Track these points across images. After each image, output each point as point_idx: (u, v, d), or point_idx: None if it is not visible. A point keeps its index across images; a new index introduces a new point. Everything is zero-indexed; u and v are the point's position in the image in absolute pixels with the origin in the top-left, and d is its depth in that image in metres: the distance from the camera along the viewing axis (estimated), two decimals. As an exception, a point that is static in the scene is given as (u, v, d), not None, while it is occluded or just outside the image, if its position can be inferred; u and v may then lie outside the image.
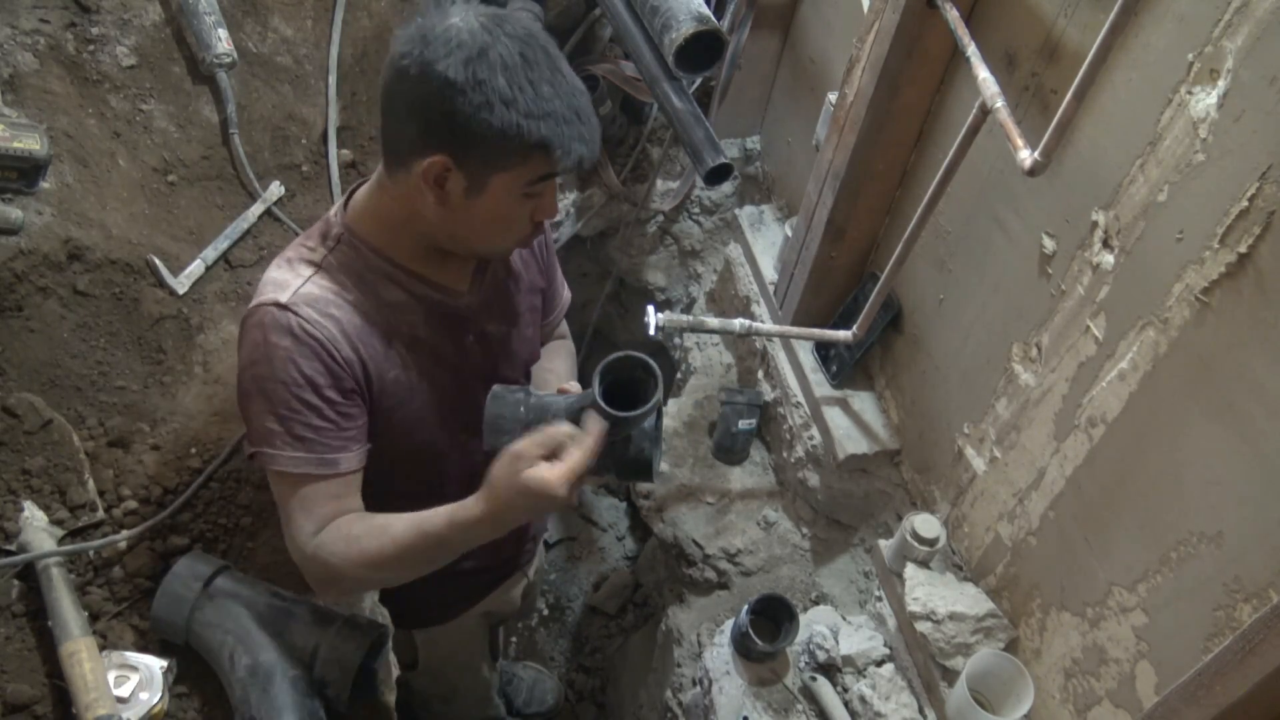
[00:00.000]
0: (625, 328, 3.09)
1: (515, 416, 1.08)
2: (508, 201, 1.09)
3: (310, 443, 1.12)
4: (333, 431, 1.13)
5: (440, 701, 2.00)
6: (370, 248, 1.16)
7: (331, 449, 1.13)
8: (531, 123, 1.01)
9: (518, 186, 1.08)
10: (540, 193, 1.11)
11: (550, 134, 1.03)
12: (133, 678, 1.16)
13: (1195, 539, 1.13)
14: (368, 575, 1.16)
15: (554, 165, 1.06)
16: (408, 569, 1.16)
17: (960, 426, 1.63)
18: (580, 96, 1.07)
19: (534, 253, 1.40)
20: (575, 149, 1.06)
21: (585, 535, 3.11)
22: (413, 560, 1.13)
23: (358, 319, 1.14)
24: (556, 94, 1.03)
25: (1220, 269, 1.06)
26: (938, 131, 1.66)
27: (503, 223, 1.14)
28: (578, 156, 1.06)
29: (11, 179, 1.45)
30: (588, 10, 2.39)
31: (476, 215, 1.11)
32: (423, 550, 1.11)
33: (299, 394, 1.10)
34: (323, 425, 1.12)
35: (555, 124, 1.03)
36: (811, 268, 1.92)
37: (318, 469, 1.12)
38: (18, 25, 1.55)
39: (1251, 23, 1.01)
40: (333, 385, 1.12)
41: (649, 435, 1.05)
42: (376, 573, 1.16)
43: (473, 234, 1.15)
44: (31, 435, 1.39)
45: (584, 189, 2.51)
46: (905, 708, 1.57)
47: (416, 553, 1.11)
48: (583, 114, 1.06)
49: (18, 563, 1.24)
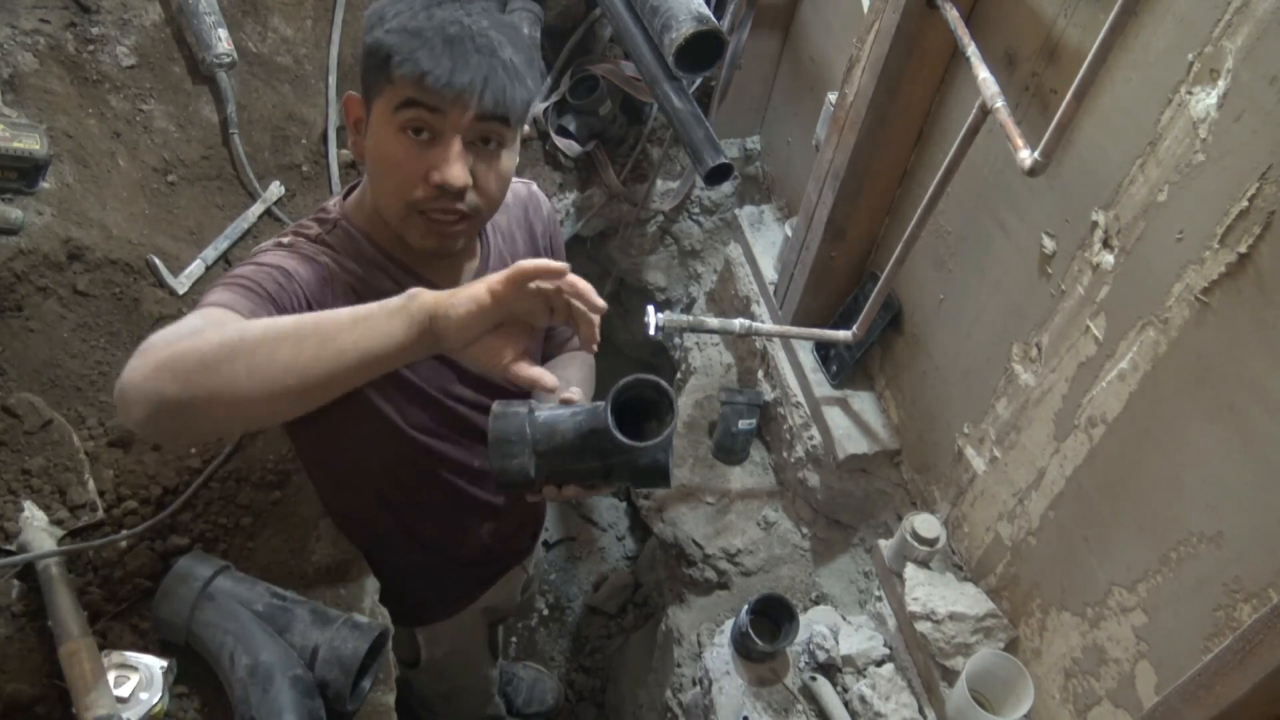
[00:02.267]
0: (625, 328, 3.09)
1: (522, 437, 1.04)
2: (386, 135, 1.03)
3: (258, 296, 1.00)
4: (284, 302, 1.02)
5: (442, 700, 2.00)
6: (365, 236, 1.16)
7: (270, 312, 0.99)
8: (389, 36, 0.98)
9: (388, 113, 1.01)
10: (419, 129, 1.01)
11: (396, 43, 0.97)
12: (133, 678, 1.16)
13: (1195, 539, 1.14)
14: (189, 369, 0.82)
15: (408, 83, 0.98)
16: (251, 362, 0.83)
17: (960, 426, 1.63)
18: (478, 36, 0.99)
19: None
20: (420, 62, 0.96)
21: (585, 535, 3.11)
22: (261, 347, 0.83)
23: (350, 284, 1.13)
24: (433, 16, 0.98)
25: (1220, 269, 1.06)
26: (938, 131, 1.66)
27: (388, 165, 1.05)
28: (418, 71, 0.96)
29: (11, 179, 1.45)
30: (588, 10, 2.39)
31: (370, 157, 1.07)
32: (283, 336, 0.84)
33: (266, 270, 1.03)
34: (279, 292, 1.02)
35: (406, 37, 0.97)
36: (811, 268, 1.92)
37: (249, 314, 0.96)
38: (18, 25, 1.55)
39: (1251, 23, 1.01)
40: (308, 281, 1.05)
41: (662, 446, 1.03)
42: (203, 366, 0.82)
43: (374, 188, 1.11)
44: (31, 435, 1.39)
45: (584, 189, 2.51)
46: (905, 708, 1.57)
47: (272, 338, 0.84)
48: (454, 40, 0.98)
49: (18, 563, 1.24)
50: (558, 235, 1.44)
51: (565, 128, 2.40)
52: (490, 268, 1.29)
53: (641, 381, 0.98)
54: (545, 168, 2.43)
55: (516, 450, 1.04)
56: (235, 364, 0.82)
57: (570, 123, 2.40)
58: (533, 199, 1.40)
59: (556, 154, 2.43)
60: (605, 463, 1.06)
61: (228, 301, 0.97)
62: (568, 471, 1.08)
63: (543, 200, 1.42)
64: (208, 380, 0.81)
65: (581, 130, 2.41)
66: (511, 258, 1.33)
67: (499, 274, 0.89)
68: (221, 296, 0.98)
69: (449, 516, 1.47)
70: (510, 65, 1.02)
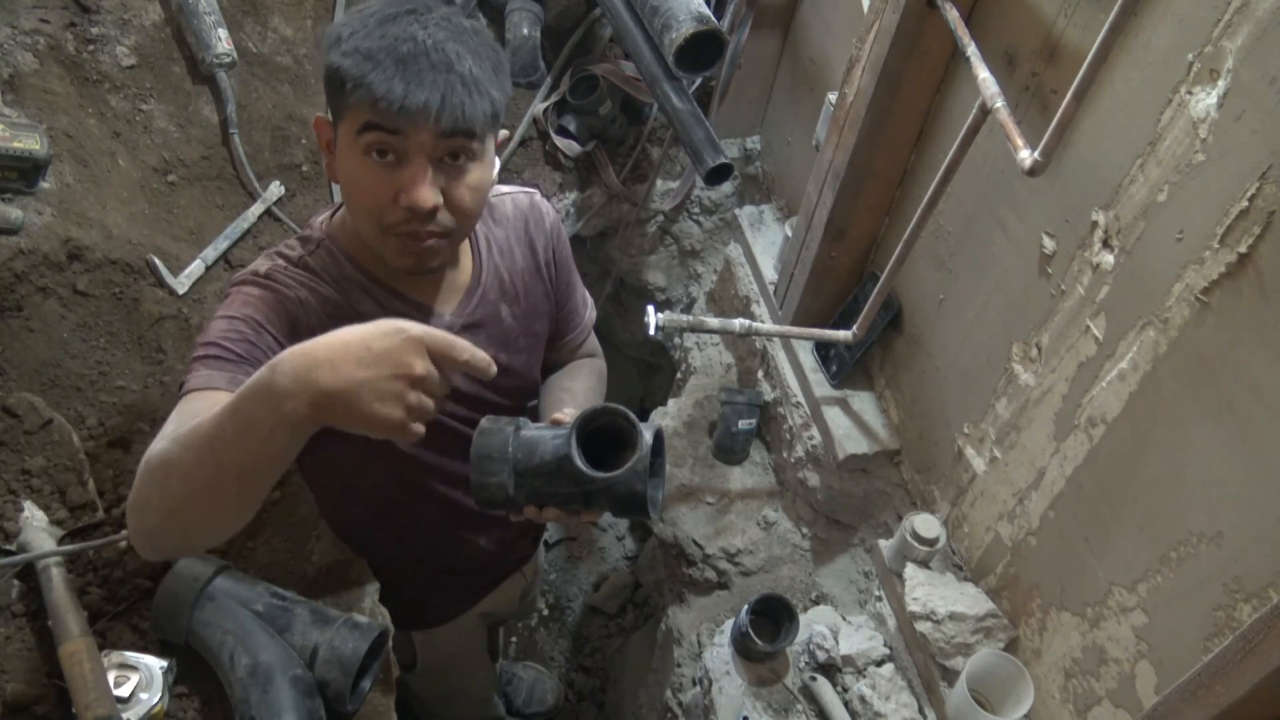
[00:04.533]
0: (625, 328, 3.09)
1: (503, 455, 1.02)
2: (351, 159, 1.01)
3: (231, 364, 1.00)
4: (258, 359, 1.01)
5: (439, 702, 2.00)
6: (347, 256, 1.15)
7: (246, 374, 0.95)
8: (344, 59, 0.96)
9: (350, 138, 1.00)
10: (380, 152, 0.99)
11: (348, 67, 0.95)
12: (133, 678, 1.16)
13: (1195, 539, 1.13)
14: (152, 493, 0.87)
15: (364, 107, 0.96)
16: (184, 481, 0.84)
17: (960, 426, 1.63)
18: (433, 51, 0.96)
19: (541, 275, 1.35)
20: (373, 86, 0.94)
21: (585, 535, 3.11)
22: (187, 463, 0.83)
23: (328, 312, 1.11)
24: (386, 35, 0.96)
25: (1220, 269, 1.06)
26: (938, 131, 1.66)
27: (357, 189, 1.03)
28: (372, 96, 0.94)
29: (11, 179, 1.45)
30: (588, 10, 2.39)
31: (341, 179, 1.05)
32: (197, 444, 0.83)
33: (237, 326, 1.03)
34: (251, 350, 1.02)
35: (359, 59, 0.95)
36: (811, 268, 1.92)
37: (228, 385, 0.97)
38: (18, 25, 1.55)
39: (1251, 23, 1.01)
40: (279, 325, 1.05)
41: (641, 476, 0.98)
42: (156, 486, 0.86)
43: (349, 211, 1.09)
44: (31, 435, 1.39)
45: (584, 189, 2.51)
46: (905, 708, 1.57)
47: (194, 447, 0.83)
48: (406, 60, 0.95)
49: (18, 563, 1.24)
50: (562, 246, 1.39)
51: (565, 128, 2.40)
52: (485, 284, 1.26)
53: (611, 410, 0.97)
54: (545, 168, 2.43)
55: (497, 468, 1.02)
56: (178, 487, 0.85)
57: (570, 123, 2.40)
58: (534, 211, 1.35)
59: (556, 154, 2.43)
60: (582, 489, 1.03)
61: (204, 383, 0.97)
62: (547, 494, 1.05)
63: (546, 212, 1.37)
64: (175, 514, 0.87)
65: (581, 130, 2.41)
66: (509, 273, 1.30)
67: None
68: (198, 377, 0.98)
69: (446, 530, 1.46)
70: (469, 77, 0.98)
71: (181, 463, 0.84)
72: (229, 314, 1.05)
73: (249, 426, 0.80)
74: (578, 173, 2.49)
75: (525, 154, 2.40)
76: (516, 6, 2.25)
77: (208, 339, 1.03)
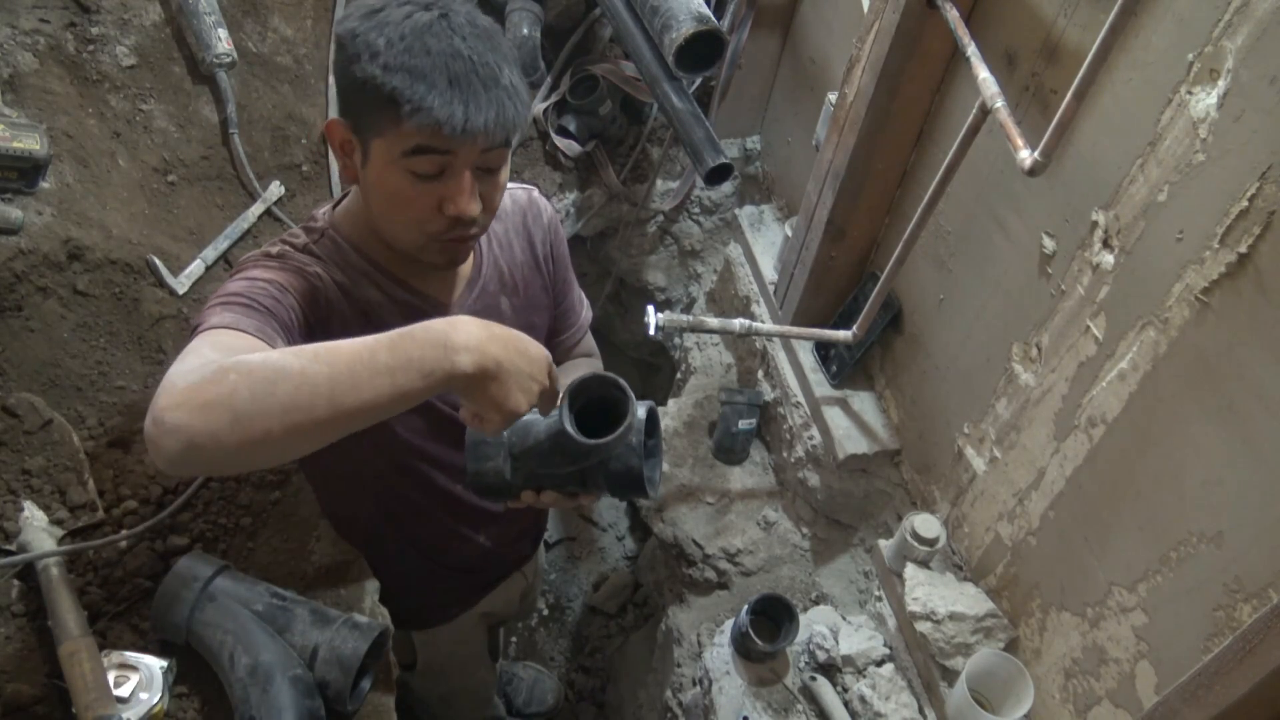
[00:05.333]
0: (625, 328, 3.09)
1: (498, 439, 1.02)
2: (391, 175, 1.01)
3: (258, 313, 0.97)
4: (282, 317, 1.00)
5: (439, 702, 2.00)
6: (352, 245, 1.16)
7: (273, 328, 0.97)
8: (388, 75, 0.94)
9: (393, 155, 0.99)
10: (429, 172, 1.01)
11: (399, 86, 0.93)
12: (133, 678, 1.16)
13: (1195, 539, 1.13)
14: (217, 400, 0.77)
15: (420, 132, 0.96)
16: (272, 395, 0.78)
17: (960, 426, 1.63)
18: (481, 68, 0.96)
19: (539, 269, 1.37)
20: (433, 110, 0.93)
21: (585, 535, 3.11)
22: (283, 380, 0.78)
23: (335, 295, 1.12)
24: (433, 53, 0.94)
25: (1220, 269, 1.06)
26: (938, 131, 1.66)
27: (398, 203, 1.04)
28: (435, 119, 0.94)
29: (11, 179, 1.45)
30: (588, 10, 2.39)
31: (373, 191, 1.05)
32: (304, 368, 0.79)
33: (260, 285, 1.01)
34: (276, 306, 1.00)
35: (408, 79, 0.93)
36: (811, 268, 1.92)
37: (255, 332, 0.94)
38: (18, 25, 1.55)
39: (1251, 23, 1.01)
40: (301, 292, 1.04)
41: (635, 451, 0.99)
42: (230, 399, 0.77)
43: (381, 217, 1.09)
44: (31, 435, 1.39)
45: (584, 189, 2.51)
46: (905, 708, 1.57)
47: (294, 371, 0.79)
48: (460, 79, 0.94)
49: (18, 563, 1.24)
50: (559, 243, 1.41)
51: (565, 128, 2.40)
52: (485, 276, 1.28)
53: (602, 380, 0.96)
54: (545, 168, 2.43)
55: (492, 452, 1.02)
56: (285, 397, 0.78)
57: (570, 123, 2.40)
58: (533, 206, 1.37)
59: (556, 154, 2.42)
60: (577, 467, 1.03)
61: (230, 322, 0.93)
62: (543, 476, 1.05)
63: (544, 207, 1.39)
64: (256, 421, 0.77)
65: (581, 130, 2.41)
66: (508, 266, 1.32)
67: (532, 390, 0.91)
68: (222, 317, 0.94)
69: (446, 523, 1.47)
70: (511, 89, 1.00)
71: (307, 373, 0.78)
72: (249, 276, 1.02)
73: (409, 363, 0.81)
74: (578, 173, 2.49)
75: (525, 154, 2.40)
76: (516, 6, 2.25)
77: (228, 291, 0.99)
